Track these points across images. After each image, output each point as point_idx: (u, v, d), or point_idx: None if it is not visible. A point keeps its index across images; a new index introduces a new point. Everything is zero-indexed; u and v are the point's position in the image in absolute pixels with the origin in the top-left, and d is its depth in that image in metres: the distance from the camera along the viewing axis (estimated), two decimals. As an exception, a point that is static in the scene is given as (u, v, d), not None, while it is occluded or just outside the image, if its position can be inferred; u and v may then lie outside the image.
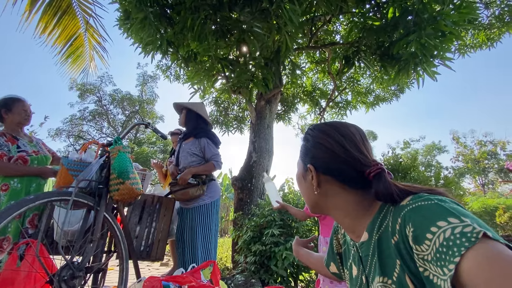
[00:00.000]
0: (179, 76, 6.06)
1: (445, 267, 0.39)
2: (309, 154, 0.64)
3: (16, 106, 1.87)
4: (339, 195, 0.60)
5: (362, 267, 0.59)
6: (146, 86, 19.70)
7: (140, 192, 1.57)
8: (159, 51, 3.09)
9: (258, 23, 2.61)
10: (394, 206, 0.52)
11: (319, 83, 6.40)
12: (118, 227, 1.55)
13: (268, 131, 3.98)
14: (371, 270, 0.55)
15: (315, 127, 0.67)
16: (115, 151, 1.56)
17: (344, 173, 0.59)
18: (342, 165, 0.59)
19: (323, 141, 0.62)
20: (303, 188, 0.66)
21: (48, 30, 3.37)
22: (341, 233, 0.75)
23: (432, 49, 2.77)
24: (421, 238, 0.42)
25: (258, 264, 2.60)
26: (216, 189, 2.34)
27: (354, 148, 0.59)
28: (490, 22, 4.56)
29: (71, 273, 1.13)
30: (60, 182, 1.44)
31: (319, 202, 0.63)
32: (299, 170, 0.69)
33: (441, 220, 0.41)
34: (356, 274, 0.62)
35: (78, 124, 18.51)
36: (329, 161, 0.60)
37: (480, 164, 19.20)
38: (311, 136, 0.65)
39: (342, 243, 0.74)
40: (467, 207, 3.94)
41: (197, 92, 3.94)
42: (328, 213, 0.64)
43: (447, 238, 0.39)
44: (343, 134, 0.61)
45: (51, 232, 1.71)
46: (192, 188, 2.15)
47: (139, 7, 2.60)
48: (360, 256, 0.60)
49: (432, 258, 0.41)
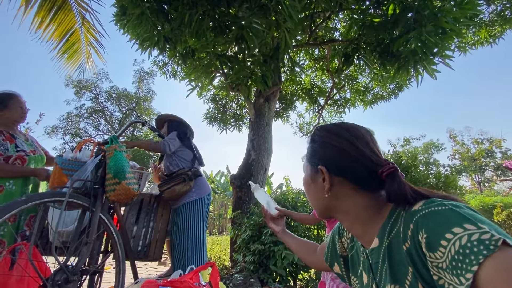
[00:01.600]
0: (175, 73, 5.99)
1: (462, 276, 0.37)
2: (318, 155, 0.61)
3: (12, 103, 1.78)
4: (350, 198, 0.57)
5: (373, 275, 0.57)
6: (142, 83, 19.53)
7: (137, 192, 1.54)
8: (156, 47, 3.03)
9: (257, 19, 2.57)
10: (406, 211, 0.50)
11: (318, 81, 6.37)
12: (115, 228, 1.52)
13: (267, 129, 3.95)
14: (382, 277, 0.53)
15: (323, 128, 0.65)
16: (111, 150, 1.52)
17: (356, 173, 0.57)
18: (354, 164, 0.57)
19: (333, 140, 0.60)
20: (312, 191, 0.63)
21: (44, 25, 3.31)
22: (347, 237, 0.72)
23: (433, 47, 2.75)
24: (435, 245, 0.40)
25: (257, 263, 2.59)
26: (205, 185, 2.31)
27: (366, 147, 0.58)
28: (491, 18, 4.53)
29: (65, 277, 1.10)
30: (54, 182, 1.40)
31: (329, 206, 0.60)
32: (307, 173, 0.65)
33: (457, 226, 0.39)
34: (366, 282, 0.60)
35: (75, 122, 18.34)
36: (340, 161, 0.58)
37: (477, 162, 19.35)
38: (319, 136, 0.63)
39: (348, 248, 0.72)
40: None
41: (195, 89, 3.89)
42: (338, 217, 0.61)
43: (464, 245, 0.37)
44: (353, 133, 0.60)
45: (46, 233, 1.67)
46: (178, 185, 2.12)
47: (136, 3, 2.54)
48: (370, 263, 0.58)
49: (447, 266, 0.39)
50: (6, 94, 1.80)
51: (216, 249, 5.55)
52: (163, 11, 2.77)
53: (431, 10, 2.60)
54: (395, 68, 3.20)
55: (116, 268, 1.50)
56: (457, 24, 2.64)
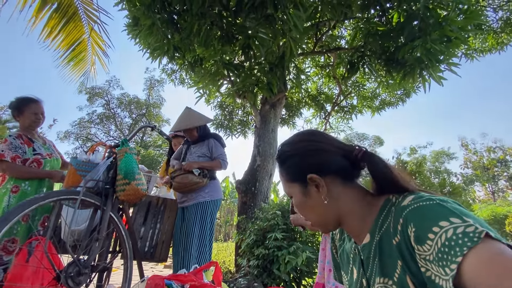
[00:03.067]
0: (183, 80, 6.16)
1: (447, 267, 0.39)
2: (299, 167, 0.61)
3: (27, 109, 1.85)
4: (345, 194, 0.59)
5: (363, 270, 0.58)
6: (153, 90, 20.00)
7: (145, 193, 1.61)
8: (166, 56, 3.16)
9: (263, 28, 2.66)
10: (395, 206, 0.52)
11: (324, 88, 6.41)
12: (123, 227, 1.59)
13: (272, 135, 4.01)
14: (372, 272, 0.55)
15: (286, 144, 0.65)
16: (122, 153, 1.60)
17: (339, 164, 0.59)
18: (334, 157, 0.59)
19: (305, 147, 0.62)
20: (310, 208, 0.61)
21: (53, 35, 3.45)
22: (336, 239, 0.74)
23: (438, 54, 2.77)
24: (423, 238, 0.42)
25: (261, 268, 2.60)
26: (218, 189, 2.34)
27: (332, 140, 0.62)
28: (500, 26, 4.51)
29: (78, 270, 1.17)
30: (69, 181, 1.48)
31: (332, 212, 0.59)
32: (296, 194, 0.62)
33: (443, 220, 0.41)
34: (356, 277, 0.61)
35: (86, 127, 18.86)
36: (323, 160, 0.59)
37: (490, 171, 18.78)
38: (289, 152, 0.63)
39: (338, 248, 0.73)
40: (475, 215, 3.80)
41: (203, 96, 4.00)
42: (340, 221, 0.61)
43: (449, 238, 0.39)
44: (312, 135, 0.64)
45: (59, 231, 1.76)
46: (192, 175, 2.14)
47: (147, 14, 2.68)
48: (362, 259, 0.59)
49: (434, 258, 0.41)
50: (23, 99, 1.88)
51: (221, 254, 5.56)
52: (173, 22, 2.90)
53: (436, 19, 2.63)
54: (400, 75, 3.23)
55: (124, 265, 1.56)
56: (462, 33, 2.66)
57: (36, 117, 1.88)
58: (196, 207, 2.18)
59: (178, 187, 2.18)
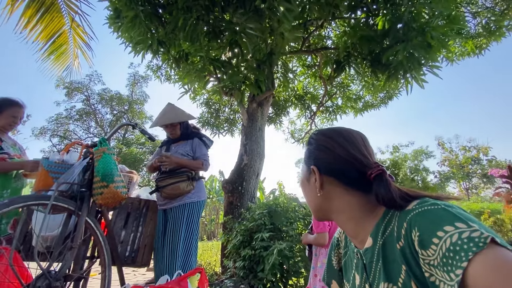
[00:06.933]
0: (170, 77, 5.98)
1: (452, 272, 0.38)
2: (312, 156, 0.65)
3: (8, 110, 1.82)
4: (342, 197, 0.60)
5: (366, 275, 0.58)
6: (136, 86, 19.37)
7: (125, 196, 1.51)
8: (150, 50, 3.03)
9: (251, 24, 2.60)
10: (399, 211, 0.51)
11: (310, 87, 6.45)
12: (101, 233, 1.48)
13: (259, 133, 3.96)
14: (376, 276, 0.54)
15: (319, 132, 0.68)
16: (99, 153, 1.49)
17: (346, 174, 0.59)
18: (344, 166, 0.59)
19: (326, 143, 0.63)
20: (307, 191, 0.66)
21: (30, 25, 3.26)
22: (342, 246, 0.73)
23: (419, 58, 2.85)
24: (427, 243, 0.42)
25: (247, 269, 2.56)
26: (203, 189, 2.28)
27: (356, 150, 0.60)
28: (477, 31, 4.71)
29: (48, 283, 1.06)
30: (40, 185, 1.36)
31: (323, 206, 0.63)
32: (302, 174, 0.69)
33: (448, 224, 0.41)
34: (358, 283, 0.60)
35: (64, 123, 17.97)
36: (331, 162, 0.61)
37: (464, 169, 19.81)
38: (314, 139, 0.67)
39: (342, 256, 0.72)
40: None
41: (187, 92, 3.89)
42: (332, 217, 0.64)
43: (454, 243, 0.39)
44: (345, 137, 0.63)
45: (30, 238, 1.62)
46: (183, 183, 2.07)
47: (130, 5, 2.54)
48: (364, 263, 0.58)
49: (438, 263, 0.40)
50: (6, 100, 1.85)
51: (206, 255, 5.47)
52: (157, 15, 2.77)
53: (420, 25, 2.69)
54: (385, 76, 3.29)
55: (101, 274, 1.46)
56: (443, 37, 2.74)
57: (14, 120, 1.86)
58: (182, 208, 2.09)
59: (168, 195, 2.10)
